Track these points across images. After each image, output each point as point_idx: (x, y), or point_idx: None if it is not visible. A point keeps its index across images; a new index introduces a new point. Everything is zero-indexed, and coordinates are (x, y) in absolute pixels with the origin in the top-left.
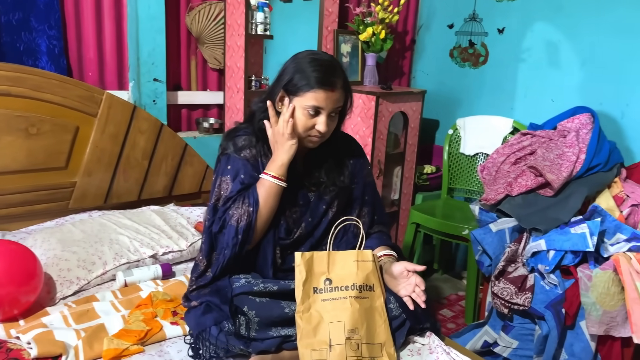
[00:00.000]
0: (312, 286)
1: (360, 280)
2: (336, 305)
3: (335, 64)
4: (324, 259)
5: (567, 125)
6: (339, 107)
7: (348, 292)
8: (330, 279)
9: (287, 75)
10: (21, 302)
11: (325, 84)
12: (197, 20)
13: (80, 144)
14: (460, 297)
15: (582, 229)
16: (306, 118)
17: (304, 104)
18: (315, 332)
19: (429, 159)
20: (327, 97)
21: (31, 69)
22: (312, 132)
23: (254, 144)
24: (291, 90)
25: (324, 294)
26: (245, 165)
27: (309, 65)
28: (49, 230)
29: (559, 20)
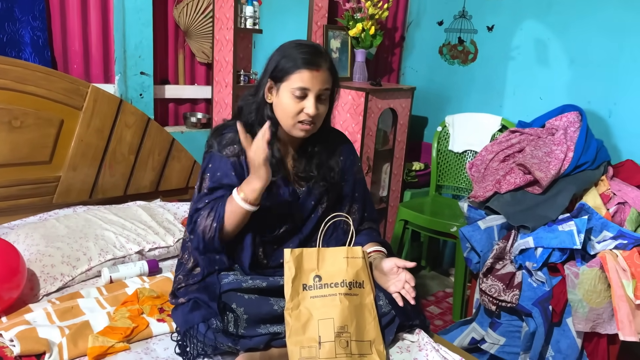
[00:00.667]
0: (302, 283)
1: (350, 277)
2: (325, 302)
3: (321, 48)
4: (314, 255)
5: (555, 123)
6: (327, 89)
7: (337, 289)
8: (320, 275)
9: (273, 63)
10: (3, 299)
11: (310, 64)
12: (185, 13)
13: (64, 138)
14: (447, 294)
15: (569, 226)
16: (294, 102)
17: (290, 86)
18: (304, 329)
19: (418, 156)
20: (312, 77)
21: (15, 61)
22: (300, 117)
23: (237, 140)
24: (277, 77)
25: (314, 291)
26: (225, 163)
27: (293, 50)
28: (32, 226)
29: (548, 18)
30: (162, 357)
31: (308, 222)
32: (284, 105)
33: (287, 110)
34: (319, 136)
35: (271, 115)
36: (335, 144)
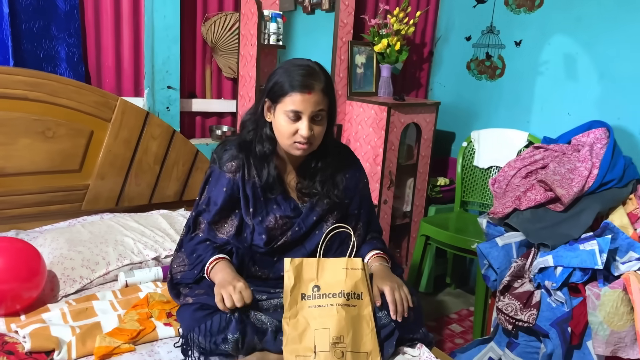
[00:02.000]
0: (301, 292)
1: (349, 288)
2: (323, 312)
3: (315, 68)
4: (314, 265)
5: (581, 140)
6: (321, 110)
7: (335, 299)
8: (319, 285)
9: (270, 84)
10: (23, 298)
11: (301, 87)
12: (212, 30)
13: (94, 148)
14: (471, 313)
15: (591, 245)
16: (288, 123)
17: (284, 108)
18: (301, 338)
19: (444, 171)
20: (304, 100)
21: (48, 75)
22: (296, 138)
23: (238, 157)
24: (273, 98)
25: (312, 301)
26: (221, 179)
27: (288, 72)
28: (59, 230)
29: (577, 32)
30: (165, 359)
31: (312, 237)
32: (280, 127)
33: (282, 132)
34: (322, 153)
35: (270, 134)
36: (340, 161)
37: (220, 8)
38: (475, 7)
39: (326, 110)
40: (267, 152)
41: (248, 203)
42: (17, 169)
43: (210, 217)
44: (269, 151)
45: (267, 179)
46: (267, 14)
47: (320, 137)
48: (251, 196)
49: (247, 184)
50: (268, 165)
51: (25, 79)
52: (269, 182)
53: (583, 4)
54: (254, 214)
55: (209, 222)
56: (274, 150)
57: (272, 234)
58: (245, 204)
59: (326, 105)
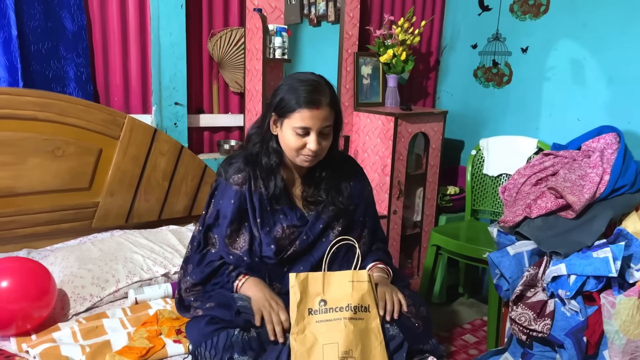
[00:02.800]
0: (307, 307)
1: (355, 301)
2: (331, 326)
3: (321, 83)
4: (319, 279)
5: (591, 145)
6: (329, 125)
7: (343, 313)
8: (325, 299)
9: (276, 99)
10: (34, 318)
11: (309, 104)
12: (218, 45)
13: (103, 166)
14: (485, 323)
15: (605, 253)
16: (296, 138)
17: (292, 124)
18: (309, 354)
19: (454, 180)
20: (312, 116)
21: (57, 95)
22: (304, 152)
23: (243, 169)
24: (280, 113)
25: (319, 315)
26: (228, 191)
27: (295, 87)
28: (70, 249)
29: (583, 37)
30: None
31: (319, 245)
32: (287, 141)
33: (290, 146)
34: (327, 162)
35: (276, 147)
36: (344, 169)
37: (225, 24)
38: (481, 14)
39: (333, 124)
40: (274, 165)
41: (255, 214)
42: (28, 189)
43: (223, 232)
44: (276, 164)
45: (274, 191)
46: (272, 29)
47: (327, 149)
48: (258, 207)
49: (254, 195)
50: (275, 178)
51: (34, 99)
52: (276, 193)
53: (589, 9)
54: (261, 225)
55: (223, 237)
56: (281, 163)
57: (280, 244)
58: (253, 215)
59: (333, 120)
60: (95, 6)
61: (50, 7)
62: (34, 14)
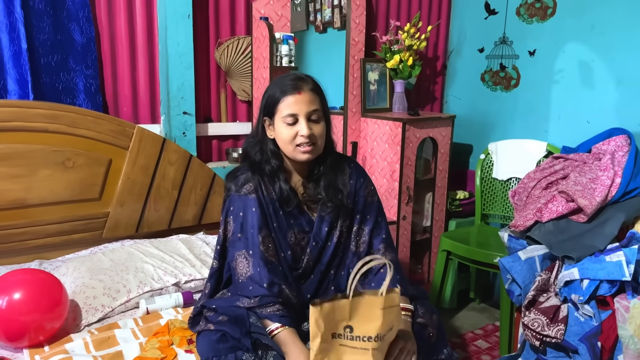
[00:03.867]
0: (331, 332)
1: (384, 330)
2: (355, 353)
3: (301, 75)
4: (346, 307)
5: (602, 148)
6: (315, 110)
7: (370, 343)
8: (352, 326)
9: (263, 102)
10: (46, 329)
11: (291, 89)
12: (225, 54)
13: (113, 176)
14: (497, 328)
15: (618, 256)
16: (287, 129)
17: (280, 116)
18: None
19: (463, 185)
20: (296, 101)
21: (67, 107)
22: (297, 140)
23: (251, 177)
24: (269, 112)
25: (344, 340)
26: (245, 201)
27: (275, 84)
28: (81, 259)
29: (591, 39)
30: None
31: (326, 250)
32: (281, 135)
33: (284, 139)
34: (324, 159)
35: (274, 149)
36: (343, 166)
37: (232, 33)
38: (487, 18)
39: (320, 110)
40: (275, 167)
41: (271, 219)
42: (39, 200)
43: (256, 241)
44: (277, 166)
45: (281, 193)
46: (279, 37)
47: (322, 137)
48: (273, 212)
49: (267, 201)
50: (279, 179)
51: (44, 111)
52: (284, 195)
53: (596, 11)
54: (278, 229)
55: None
56: (282, 165)
57: (294, 251)
58: (270, 220)
59: (319, 105)
60: (104, 18)
61: (60, 20)
62: (43, 27)
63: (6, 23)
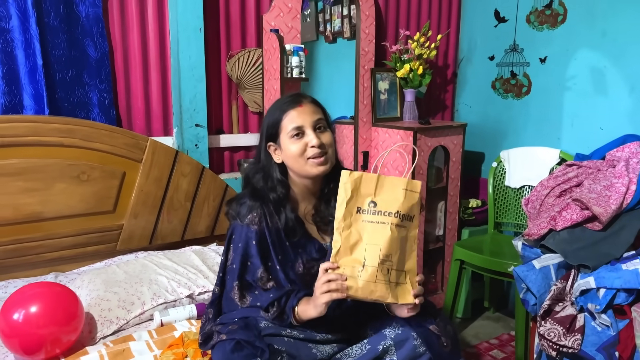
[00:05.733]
0: (356, 205)
1: (405, 210)
2: (377, 228)
3: (299, 92)
4: (373, 181)
5: (616, 155)
6: (320, 119)
7: (391, 218)
8: (375, 202)
9: (264, 127)
10: (62, 342)
11: (292, 103)
12: (236, 67)
13: (126, 189)
14: (512, 337)
15: (634, 265)
16: (296, 143)
17: (285, 133)
18: (352, 250)
19: (476, 193)
20: (299, 113)
21: (81, 121)
22: (308, 153)
23: (256, 207)
24: (273, 134)
25: (367, 215)
26: (247, 233)
27: (273, 106)
28: (96, 272)
29: (603, 46)
30: None
31: None
32: (290, 152)
33: (294, 154)
34: (334, 176)
35: (280, 178)
36: None
37: (243, 45)
38: (497, 26)
39: (325, 120)
40: (281, 196)
41: (276, 250)
42: (54, 213)
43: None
44: (283, 195)
45: (286, 223)
46: (289, 48)
47: (332, 146)
48: (277, 243)
49: (271, 231)
50: (284, 209)
51: (60, 126)
52: (289, 225)
53: (607, 17)
54: (284, 261)
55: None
56: (288, 194)
57: (304, 281)
58: (275, 252)
59: (323, 115)
60: (117, 33)
61: (74, 36)
62: (58, 43)
63: (22, 40)
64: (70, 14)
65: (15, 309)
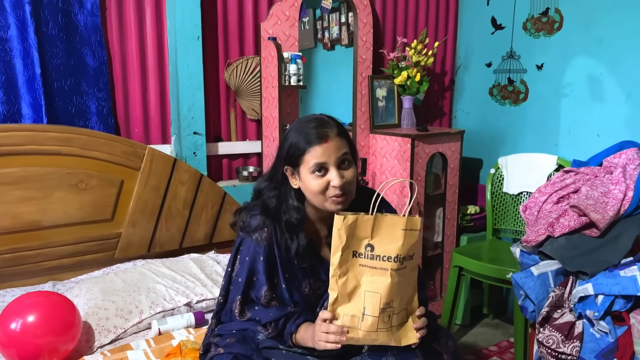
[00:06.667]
0: (352, 250)
1: (405, 252)
2: (375, 274)
3: (324, 118)
4: (369, 223)
5: (613, 161)
6: (346, 154)
7: (390, 263)
8: (373, 245)
9: (284, 151)
10: (60, 351)
11: (317, 139)
12: (235, 74)
13: (125, 197)
14: (511, 344)
15: (632, 271)
16: (317, 180)
17: (307, 167)
18: (350, 297)
19: (474, 199)
20: (324, 151)
21: (80, 129)
22: (330, 193)
23: (267, 224)
24: (293, 162)
25: (364, 260)
26: (255, 249)
27: (298, 131)
28: (94, 280)
29: (599, 53)
30: None
31: None
32: (310, 187)
33: (314, 190)
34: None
35: (296, 205)
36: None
37: (241, 53)
38: (494, 33)
39: (349, 153)
40: (296, 223)
41: (284, 269)
42: (53, 222)
43: (260, 293)
44: (297, 221)
45: (297, 249)
46: (287, 56)
47: (354, 182)
48: (286, 262)
49: (280, 249)
50: (297, 237)
51: (58, 134)
52: (299, 252)
53: (603, 24)
54: (290, 280)
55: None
56: (303, 219)
57: (309, 301)
58: (282, 270)
59: (348, 148)
60: (115, 42)
61: (72, 45)
62: (56, 52)
63: (20, 49)
64: (68, 23)
65: (12, 319)
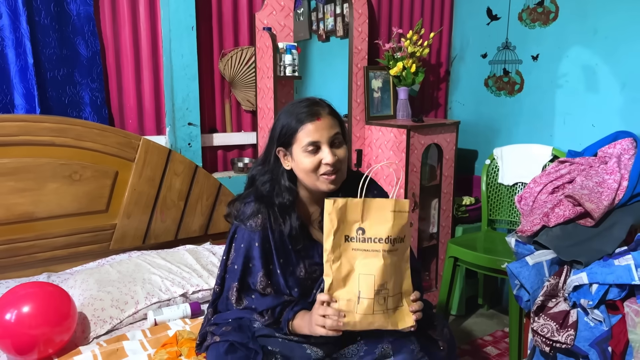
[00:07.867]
0: (344, 234)
1: (395, 233)
2: (368, 256)
3: (315, 99)
4: (359, 207)
5: (608, 151)
6: (337, 133)
7: (381, 245)
8: (364, 228)
9: (276, 131)
10: (55, 342)
11: (310, 116)
12: (229, 65)
13: (119, 188)
14: (506, 334)
15: (626, 260)
16: (310, 158)
17: (300, 146)
18: (344, 282)
19: (469, 190)
20: (317, 128)
21: (73, 120)
22: (321, 169)
23: (261, 210)
24: (286, 142)
25: (356, 243)
26: (250, 236)
27: (289, 112)
28: (89, 271)
29: (594, 43)
30: None
31: None
32: (302, 165)
33: (306, 169)
34: (343, 183)
35: (288, 185)
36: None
37: (236, 43)
38: (489, 24)
39: (341, 133)
40: (288, 204)
41: (279, 254)
42: (47, 213)
43: (256, 279)
44: (289, 202)
45: (290, 231)
46: (282, 47)
47: (346, 161)
48: (280, 247)
49: (275, 234)
50: (290, 217)
51: (51, 125)
52: (292, 234)
53: (598, 15)
54: (285, 265)
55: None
56: (295, 201)
57: (304, 285)
58: (277, 255)
59: (339, 128)
60: (109, 32)
61: (65, 34)
62: (49, 42)
63: (12, 39)
64: (61, 12)
65: (7, 309)
